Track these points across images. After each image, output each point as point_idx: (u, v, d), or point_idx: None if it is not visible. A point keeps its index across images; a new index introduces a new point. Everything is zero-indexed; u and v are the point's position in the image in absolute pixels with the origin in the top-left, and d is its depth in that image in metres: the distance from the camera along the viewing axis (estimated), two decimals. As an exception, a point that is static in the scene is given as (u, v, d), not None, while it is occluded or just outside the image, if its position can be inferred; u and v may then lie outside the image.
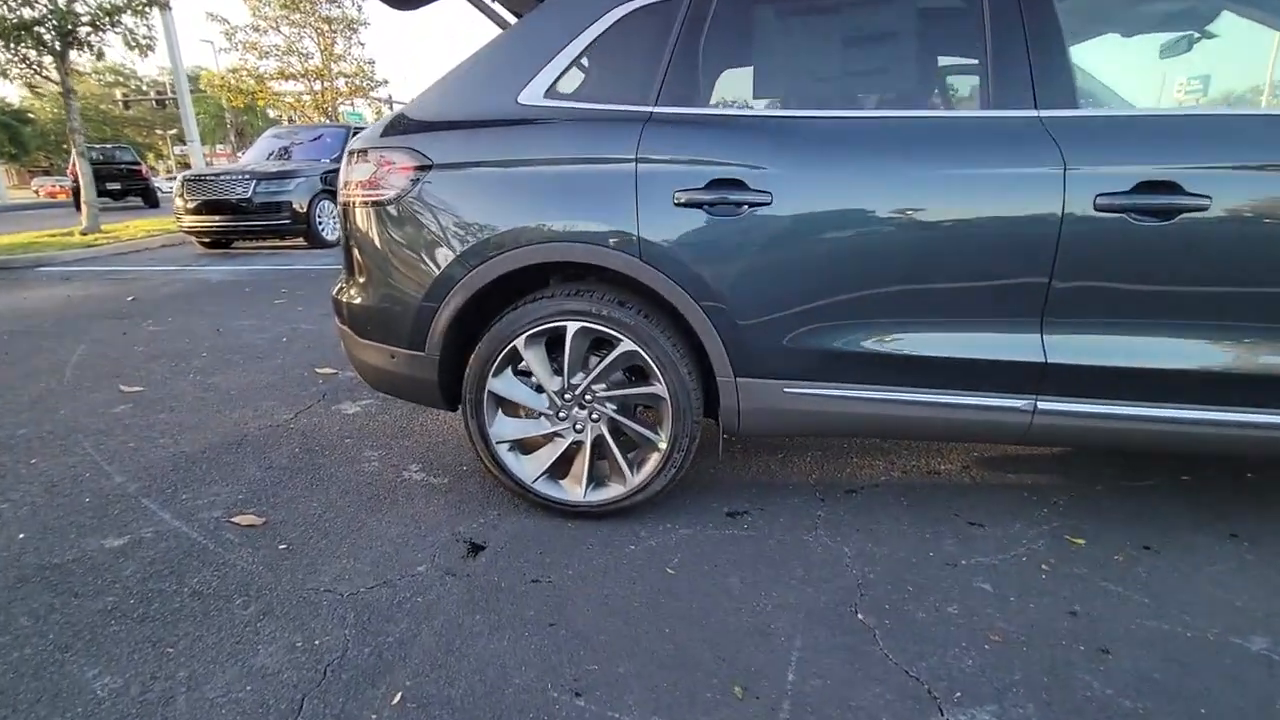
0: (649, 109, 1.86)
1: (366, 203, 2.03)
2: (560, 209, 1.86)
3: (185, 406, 3.16)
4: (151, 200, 19.92)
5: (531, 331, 1.95)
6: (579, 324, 1.92)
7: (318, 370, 3.67)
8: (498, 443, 2.07)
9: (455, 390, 2.15)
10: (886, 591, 1.76)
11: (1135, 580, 1.78)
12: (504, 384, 2.04)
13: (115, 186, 19.35)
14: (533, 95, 1.93)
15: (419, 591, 1.79)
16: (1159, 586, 1.76)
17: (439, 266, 1.94)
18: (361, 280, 2.11)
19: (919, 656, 1.54)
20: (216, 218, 8.58)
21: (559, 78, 1.93)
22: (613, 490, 2.06)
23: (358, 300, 2.12)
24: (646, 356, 1.91)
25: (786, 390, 1.89)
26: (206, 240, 9.20)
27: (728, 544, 1.98)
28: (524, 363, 2.02)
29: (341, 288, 2.23)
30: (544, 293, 1.97)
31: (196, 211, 8.67)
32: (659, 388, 1.94)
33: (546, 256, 1.87)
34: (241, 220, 8.47)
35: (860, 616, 1.67)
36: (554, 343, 2.03)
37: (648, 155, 1.81)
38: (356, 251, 2.11)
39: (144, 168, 20.81)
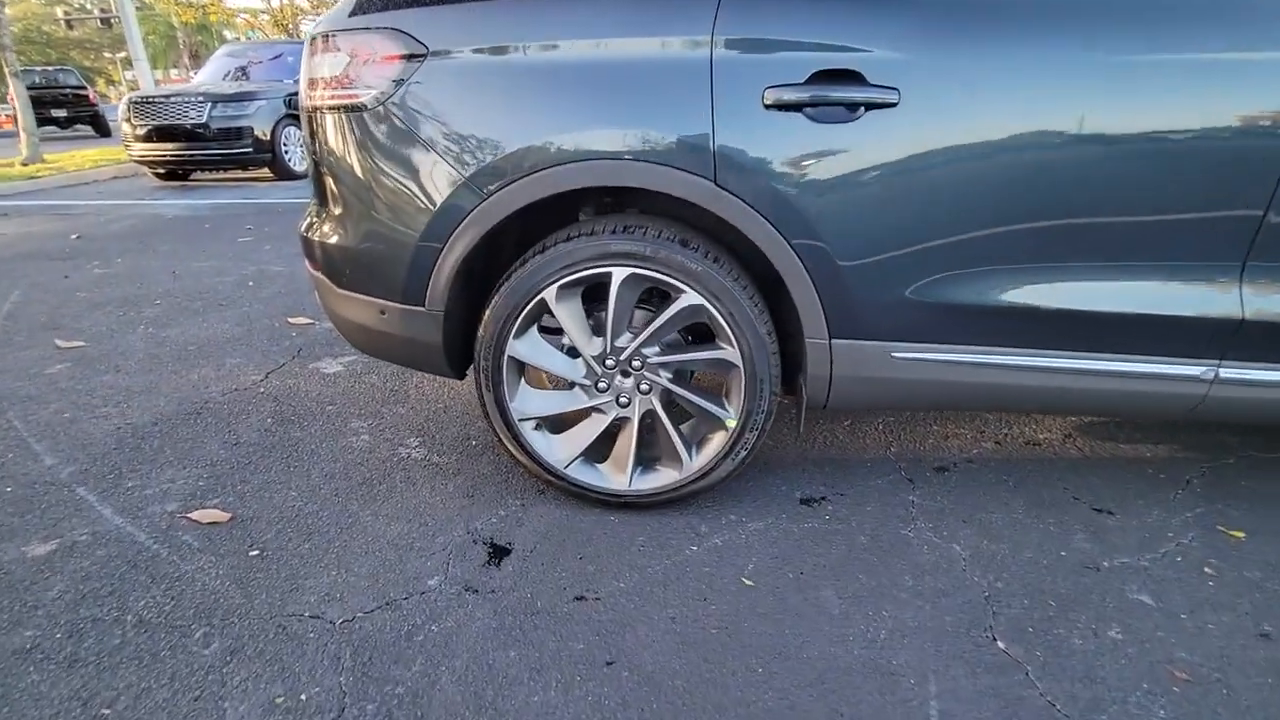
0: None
1: (338, 108, 1.53)
2: (606, 113, 1.38)
3: (134, 365, 2.68)
4: (102, 128, 18.50)
5: (565, 280, 1.50)
6: (628, 270, 1.47)
7: (290, 320, 3.18)
8: (521, 420, 1.65)
9: (465, 354, 1.71)
10: (1025, 608, 1.40)
11: (1323, 587, 1.45)
12: (528, 347, 1.60)
13: (60, 114, 17.90)
14: (557, -43, 1.41)
15: (433, 617, 1.40)
16: (1354, 595, 1.43)
17: (440, 194, 1.47)
18: (338, 213, 1.63)
19: (1095, 708, 1.19)
20: (169, 146, 7.77)
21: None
22: (665, 476, 1.67)
23: (334, 239, 1.64)
24: (716, 312, 1.48)
25: (896, 355, 1.48)
26: (161, 171, 8.39)
27: (810, 542, 1.61)
28: (554, 320, 1.58)
29: (312, 223, 1.74)
30: (579, 228, 1.51)
31: (146, 139, 7.84)
32: (729, 352, 1.51)
33: (587, 179, 1.40)
34: (197, 148, 7.68)
35: (1001, 645, 1.32)
36: (592, 295, 1.59)
37: (729, 34, 1.32)
38: (328, 175, 1.61)
39: (91, 92, 19.23)
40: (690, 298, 1.48)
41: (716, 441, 1.62)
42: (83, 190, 7.95)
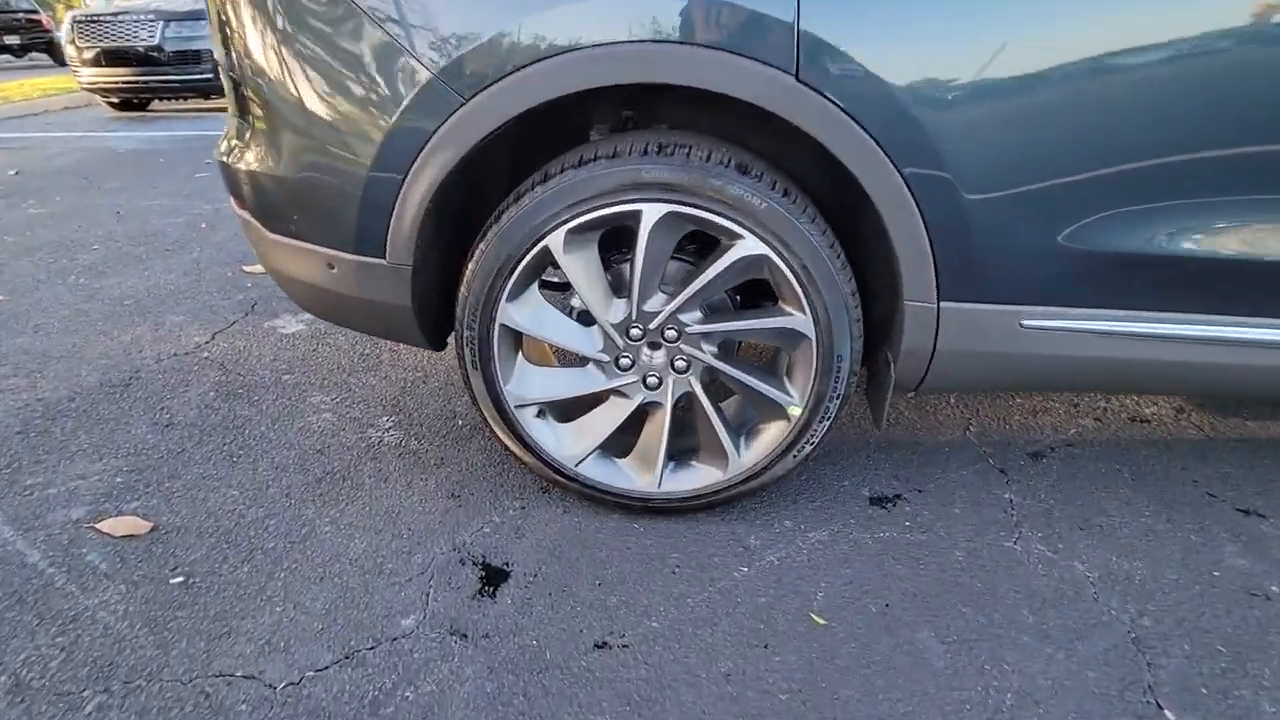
0: None
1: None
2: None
3: (57, 325, 2.26)
4: (59, 56, 17.31)
5: (577, 221, 1.09)
6: (665, 207, 1.06)
7: (246, 268, 2.74)
8: (519, 407, 1.27)
9: (444, 319, 1.32)
10: (1188, 656, 1.07)
11: None
12: (527, 312, 1.20)
13: (14, 41, 16.71)
14: None
15: (408, 677, 1.05)
16: None
17: (399, 100, 1.04)
18: (263, 132, 1.19)
19: (1325, 819, 0.87)
20: (120, 71, 7.06)
21: None
22: (703, 475, 1.30)
23: (261, 167, 1.21)
24: (784, 265, 1.08)
25: (1028, 324, 1.09)
26: (115, 101, 7.69)
27: (891, 560, 1.27)
28: (560, 275, 1.18)
29: (233, 145, 1.30)
30: (595, 149, 1.08)
31: (95, 63, 7.12)
32: (798, 319, 1.12)
33: (603, 75, 0.97)
34: (151, 74, 6.98)
35: (1171, 716, 0.99)
36: (611, 241, 1.18)
37: None
38: (247, 78, 1.17)
39: (45, 18, 17.92)
40: (749, 245, 1.07)
41: (773, 433, 1.25)
42: (29, 122, 7.27)
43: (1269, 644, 1.09)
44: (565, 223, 1.09)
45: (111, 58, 7.07)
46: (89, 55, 7.10)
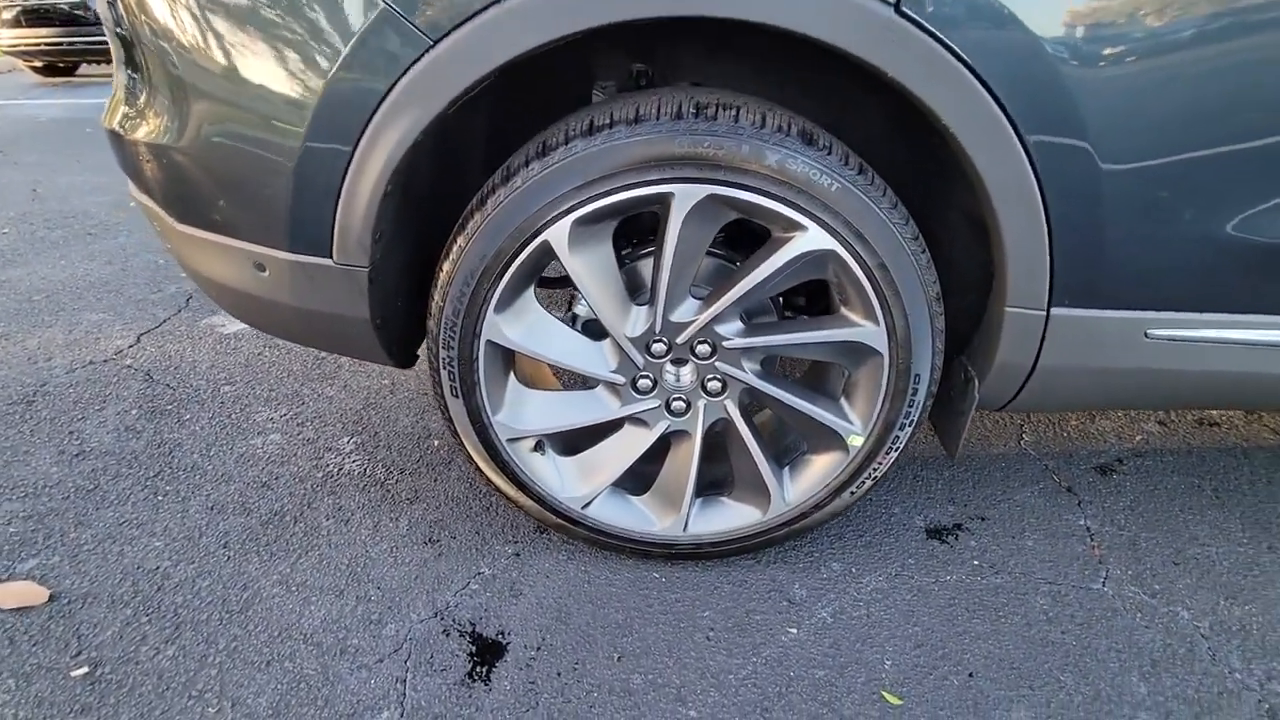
0: None
1: None
2: None
3: (-51, 327, 1.92)
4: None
5: (588, 209, 0.82)
6: (707, 189, 0.81)
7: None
8: (510, 440, 1.01)
9: (411, 330, 1.05)
10: (1338, 736, 0.89)
11: None
12: (520, 324, 0.94)
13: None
14: None
15: (380, 807, 0.81)
16: None
17: (341, 46, 0.76)
18: (162, 96, 0.90)
19: None
20: (43, 32, 6.46)
21: None
22: (738, 514, 1.07)
23: (159, 139, 0.92)
24: (855, 264, 0.84)
25: (1154, 334, 0.87)
26: (39, 65, 7.05)
27: (965, 612, 1.06)
28: (561, 275, 0.92)
29: (123, 112, 1.00)
30: (607, 112, 0.82)
31: (14, 24, 6.50)
32: (868, 329, 0.89)
33: (618, 9, 0.71)
34: (78, 35, 6.39)
35: (1340, 822, 0.80)
36: (626, 232, 0.93)
37: None
38: (139, 27, 0.87)
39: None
40: (813, 238, 0.83)
41: (824, 465, 1.02)
42: (-59, 88, 6.62)
43: None
44: (571, 210, 0.83)
45: (33, 18, 6.47)
46: (8, 16, 6.48)
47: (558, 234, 0.84)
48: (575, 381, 1.07)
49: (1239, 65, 0.70)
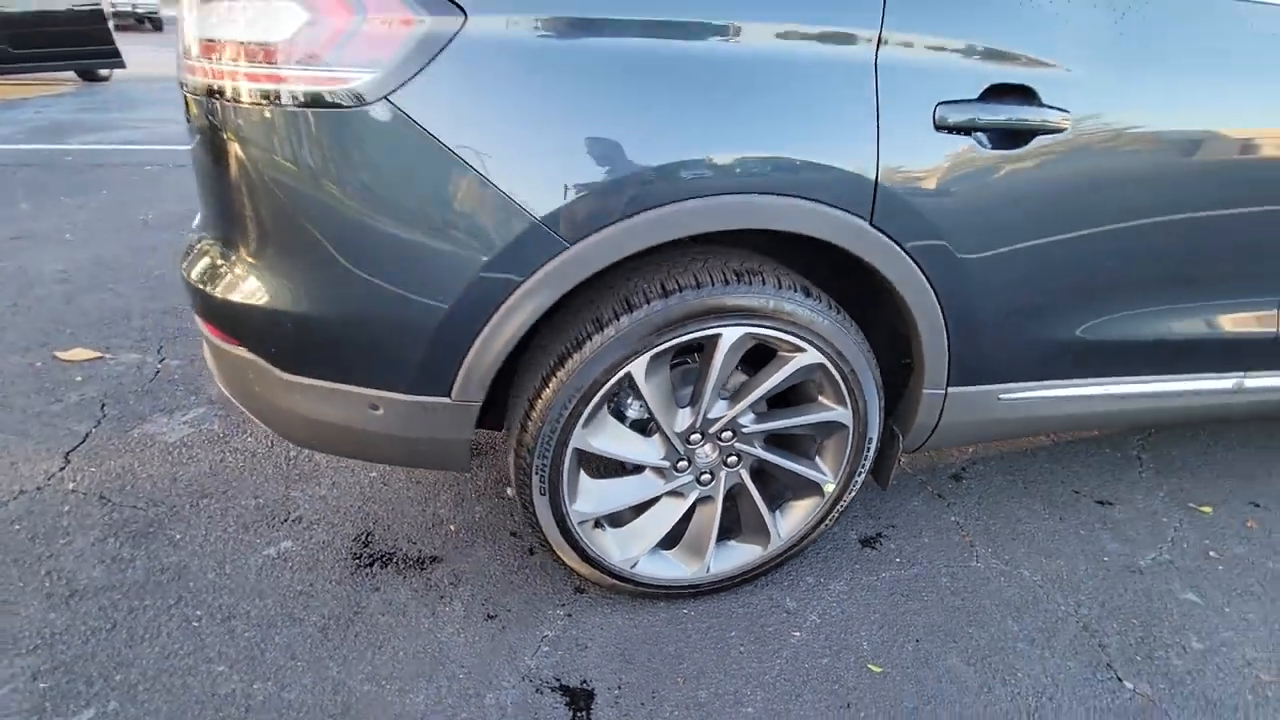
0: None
1: (286, 98, 0.93)
2: (741, 128, 1.00)
3: None
4: None
5: (661, 348, 1.12)
6: (744, 329, 1.14)
7: (60, 355, 2.19)
8: (581, 523, 1.26)
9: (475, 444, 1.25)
10: (1119, 632, 1.43)
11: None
12: (604, 436, 1.20)
13: None
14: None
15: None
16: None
17: (494, 242, 0.98)
18: (291, 263, 1.03)
19: (1241, 737, 1.24)
20: None
21: None
22: (745, 553, 1.41)
23: (283, 303, 1.04)
24: (835, 371, 1.22)
25: (1003, 397, 1.37)
26: None
27: (902, 597, 1.48)
28: (625, 398, 1.20)
29: (219, 268, 1.10)
30: (674, 276, 1.12)
31: None
32: (840, 412, 1.28)
33: (711, 221, 1.03)
34: None
35: (1130, 685, 1.32)
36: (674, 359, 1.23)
37: (899, 30, 1.01)
38: (264, 198, 1.00)
39: None
40: (809, 356, 1.20)
41: (804, 508, 1.40)
42: None
43: (1159, 611, 1.50)
44: (649, 349, 1.11)
45: None
46: None
47: (638, 367, 1.12)
48: (629, 469, 1.33)
49: (1060, 247, 1.18)
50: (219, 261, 1.10)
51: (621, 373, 1.12)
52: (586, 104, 0.95)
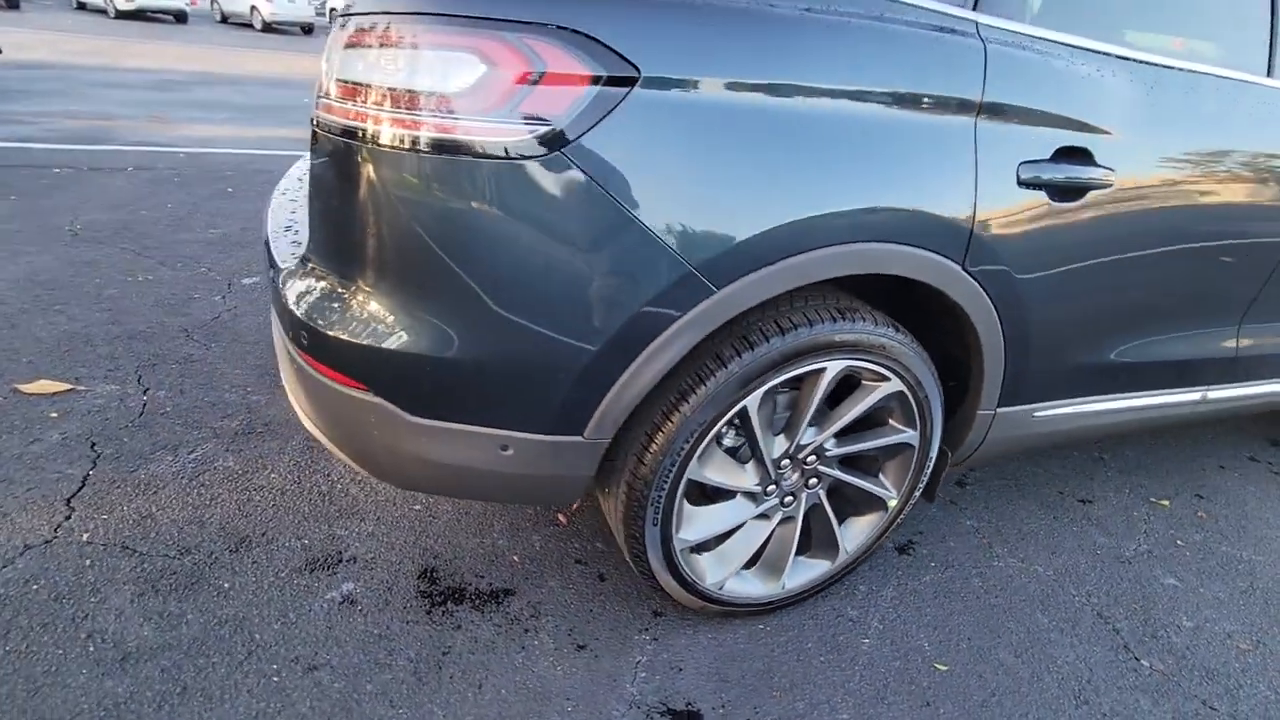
0: (972, 17, 1.14)
1: (451, 147, 0.92)
2: (863, 182, 1.08)
3: None
4: None
5: (774, 382, 1.18)
6: (845, 362, 1.23)
7: (23, 389, 1.97)
8: (683, 550, 1.30)
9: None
10: (1127, 616, 1.62)
11: None
12: (712, 465, 1.25)
13: None
14: (798, -46, 1.03)
15: None
16: None
17: (647, 288, 1.01)
18: (430, 303, 1.01)
19: (1233, 700, 1.45)
20: None
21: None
22: (815, 568, 1.50)
23: (426, 348, 1.02)
24: (912, 398, 1.34)
25: (1037, 414, 1.53)
26: None
27: (946, 598, 1.62)
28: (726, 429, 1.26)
29: (346, 307, 1.05)
30: (788, 315, 1.18)
31: None
32: (909, 434, 1.39)
33: (840, 267, 1.10)
34: None
35: (1146, 664, 1.51)
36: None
37: (995, 97, 1.13)
38: (419, 243, 0.98)
39: None
40: (893, 385, 1.30)
41: (866, 522, 1.51)
42: None
43: (1151, 596, 1.72)
44: (765, 385, 1.18)
45: None
46: None
47: (753, 401, 1.18)
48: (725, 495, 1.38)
49: (1103, 284, 1.36)
50: (343, 301, 1.06)
51: (739, 406, 1.18)
52: (739, 160, 1.00)
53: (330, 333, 1.05)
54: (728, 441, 1.34)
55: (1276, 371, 1.86)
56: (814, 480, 1.39)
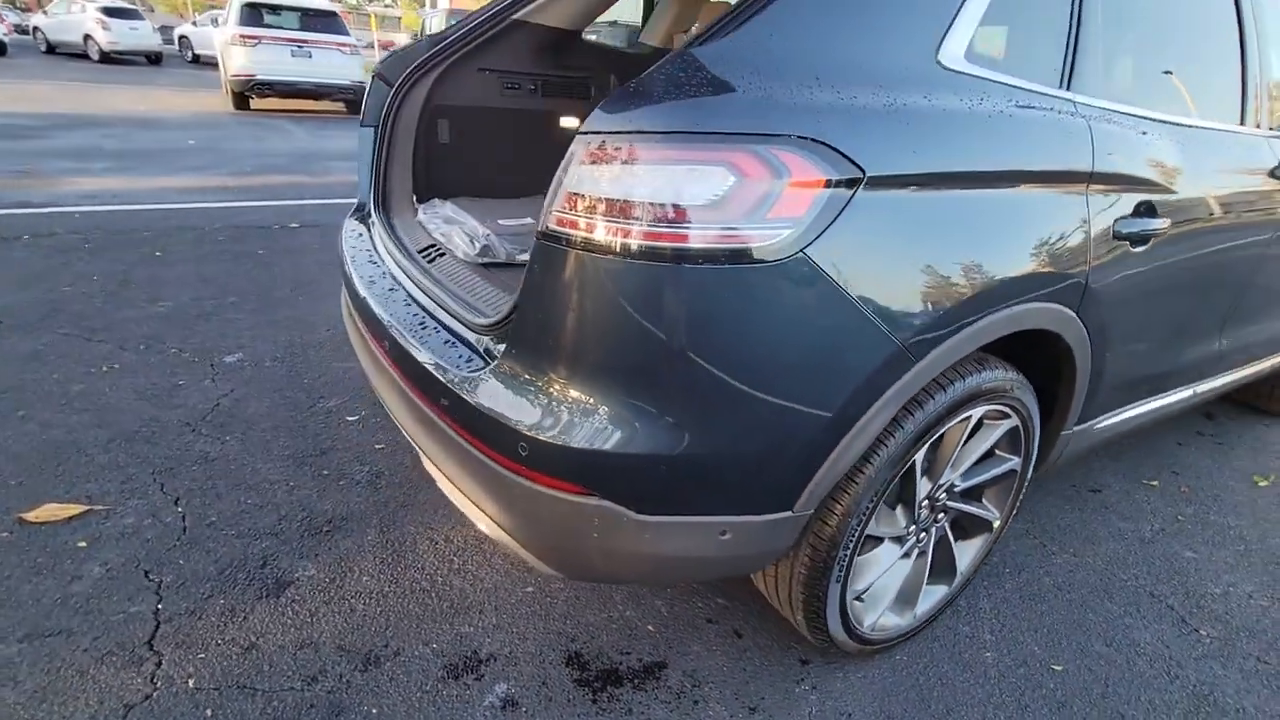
0: (1068, 96, 1.30)
1: (695, 255, 0.93)
2: (1020, 253, 1.21)
3: None
4: None
5: (939, 434, 1.28)
6: (985, 407, 1.34)
7: (27, 518, 1.71)
8: (853, 599, 1.36)
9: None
10: (1171, 592, 1.86)
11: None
12: (881, 518, 1.32)
13: None
14: (953, 53, 1.13)
15: None
16: None
17: (861, 367, 1.06)
18: (675, 403, 1.01)
19: (1271, 652, 1.71)
20: None
21: (977, 26, 1.17)
22: (937, 595, 1.60)
23: (662, 447, 1.01)
24: (1022, 431, 1.48)
25: (1096, 427, 1.73)
26: None
27: (1031, 602, 1.78)
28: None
29: (565, 414, 1.03)
30: (946, 375, 1.27)
31: None
32: (1015, 461, 1.54)
33: (1007, 327, 1.22)
34: None
35: (1204, 632, 1.74)
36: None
37: (1099, 167, 1.29)
38: (654, 347, 0.98)
39: None
40: (1011, 422, 1.44)
41: (975, 545, 1.64)
42: None
43: (1177, 569, 1.97)
44: (930, 439, 1.27)
45: None
46: None
47: (920, 456, 1.27)
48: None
49: (1159, 313, 1.57)
50: (570, 408, 1.03)
51: (909, 463, 1.26)
52: (933, 242, 1.09)
53: (558, 441, 1.02)
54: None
55: (1238, 363, 2.19)
56: (942, 514, 1.50)
